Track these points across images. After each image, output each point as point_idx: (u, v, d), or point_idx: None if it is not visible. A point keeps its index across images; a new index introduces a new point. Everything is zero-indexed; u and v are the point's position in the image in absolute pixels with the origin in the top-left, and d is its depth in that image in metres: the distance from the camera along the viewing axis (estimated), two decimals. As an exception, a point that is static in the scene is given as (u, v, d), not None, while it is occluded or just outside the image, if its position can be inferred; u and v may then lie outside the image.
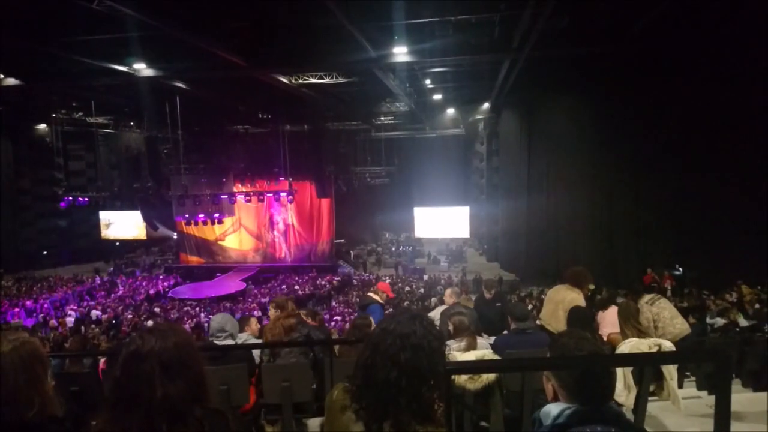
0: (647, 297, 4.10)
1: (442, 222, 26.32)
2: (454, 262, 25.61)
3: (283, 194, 21.84)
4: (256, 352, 3.77)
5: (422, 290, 19.49)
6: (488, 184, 25.41)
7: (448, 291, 5.38)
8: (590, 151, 18.35)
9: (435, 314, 5.06)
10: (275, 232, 26.18)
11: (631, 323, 3.32)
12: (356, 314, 4.86)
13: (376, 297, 5.12)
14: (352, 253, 26.82)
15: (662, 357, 2.42)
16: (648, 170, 16.12)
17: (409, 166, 29.37)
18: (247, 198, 21.51)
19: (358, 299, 16.64)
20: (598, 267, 17.01)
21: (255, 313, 14.34)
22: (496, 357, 3.01)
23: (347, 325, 9.87)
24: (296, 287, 20.59)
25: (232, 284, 22.15)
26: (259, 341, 3.96)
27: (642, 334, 3.21)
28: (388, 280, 19.77)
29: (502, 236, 24.01)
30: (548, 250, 20.15)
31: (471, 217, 26.03)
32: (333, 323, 13.07)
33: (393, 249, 28.43)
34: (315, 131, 24.32)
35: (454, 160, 29.00)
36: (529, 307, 10.11)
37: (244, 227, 26.10)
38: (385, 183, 27.59)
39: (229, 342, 3.61)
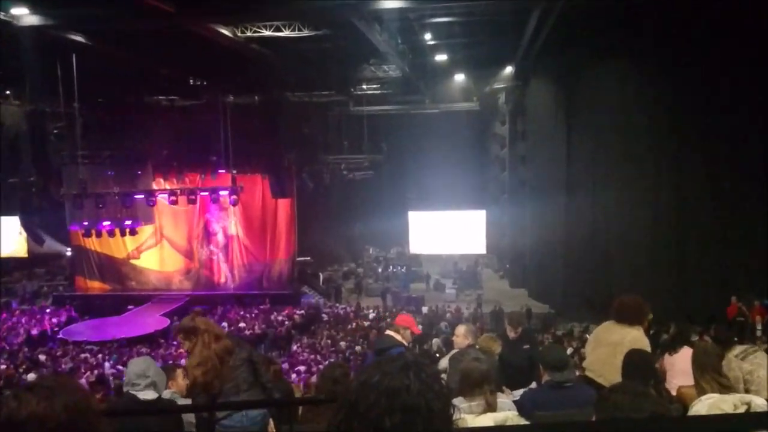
0: (737, 349, 4.12)
1: (447, 232, 26.48)
2: (465, 289, 25.89)
3: (224, 193, 21.81)
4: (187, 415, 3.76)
5: (420, 327, 19.79)
6: (512, 179, 25.71)
7: (461, 329, 5.41)
8: (654, 138, 18.66)
9: (443, 363, 5.09)
10: (212, 247, 26.28)
11: (710, 373, 3.35)
12: (364, 360, 4.88)
13: (398, 336, 5.19)
14: (321, 276, 27.16)
15: (755, 419, 2.41)
16: (733, 165, 16.55)
17: (401, 155, 29.47)
18: (173, 198, 21.59)
19: (359, 343, 17.02)
20: (663, 295, 17.44)
21: (183, 362, 14.40)
22: (523, 421, 3.03)
23: (315, 378, 9.84)
24: (241, 324, 20.69)
25: (151, 321, 21.96)
26: (188, 402, 3.95)
27: (725, 388, 3.25)
28: (404, 313, 20.45)
29: (531, 253, 24.32)
30: (595, 273, 20.58)
31: (488, 225, 26.34)
32: (294, 375, 13.24)
33: (379, 270, 28.66)
34: (269, 104, 24.13)
35: (465, 147, 29.18)
36: (569, 351, 10.28)
37: (167, 240, 26.26)
38: (368, 178, 27.75)
39: (151, 395, 3.60)
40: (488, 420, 2.91)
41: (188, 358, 3.86)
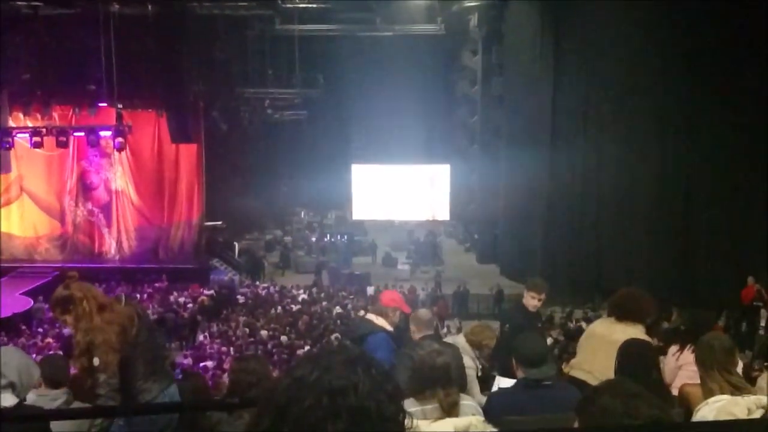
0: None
1: (401, 193, 26.69)
2: (422, 264, 26.33)
3: (106, 134, 21.47)
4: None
5: (365, 313, 20.05)
6: (484, 126, 25.85)
7: (418, 313, 5.49)
8: (662, 77, 18.86)
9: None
10: (91, 206, 25.91)
11: (718, 371, 3.45)
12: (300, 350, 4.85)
13: (380, 321, 5.24)
14: (236, 246, 27.18)
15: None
16: (757, 113, 16.72)
17: (344, 91, 29.42)
18: (36, 140, 21.23)
19: (286, 332, 17.30)
20: (667, 274, 18.23)
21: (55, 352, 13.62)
22: (490, 428, 3.07)
23: (226, 377, 9.86)
24: (131, 308, 20.32)
25: (8, 301, 21.15)
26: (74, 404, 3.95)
27: (737, 389, 3.34)
28: (396, 288, 20.11)
29: (505, 220, 24.67)
30: (583, 245, 21.05)
31: (453, 184, 26.70)
32: (202, 372, 12.88)
33: (313, 240, 28.91)
34: (168, 17, 23.38)
35: (425, 82, 29.20)
36: (549, 341, 10.44)
37: (29, 195, 25.88)
38: (299, 119, 27.70)
39: (9, 400, 3.49)
40: (447, 426, 2.96)
41: (77, 331, 3.81)
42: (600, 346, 4.50)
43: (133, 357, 3.78)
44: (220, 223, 26.85)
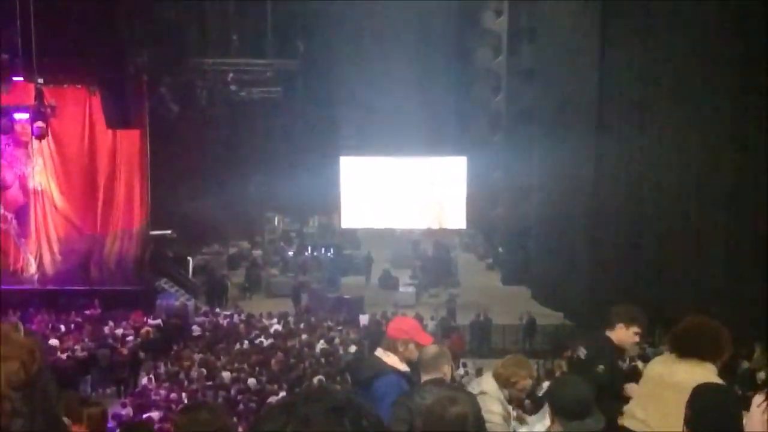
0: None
1: (403, 193, 26.59)
2: (431, 286, 26.28)
3: (22, 117, 21.63)
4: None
5: (355, 348, 20.13)
6: (511, 108, 25.95)
7: (422, 350, 5.46)
8: (741, 52, 18.85)
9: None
10: (2, 210, 25.58)
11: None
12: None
13: (390, 359, 5.24)
14: (190, 262, 27.41)
15: None
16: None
17: (330, 62, 29.45)
18: None
19: (255, 373, 17.35)
20: (747, 301, 18.13)
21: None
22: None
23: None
24: (53, 341, 19.98)
25: None
26: None
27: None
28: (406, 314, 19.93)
29: (537, 228, 24.69)
30: (641, 261, 20.98)
31: (470, 183, 26.47)
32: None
33: (290, 254, 28.93)
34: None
35: (436, 52, 29.06)
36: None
37: None
38: (273, 98, 27.66)
39: None
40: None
41: None
42: (658, 390, 4.49)
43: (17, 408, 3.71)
44: (169, 232, 26.71)
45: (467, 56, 30.15)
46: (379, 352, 5.35)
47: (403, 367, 5.18)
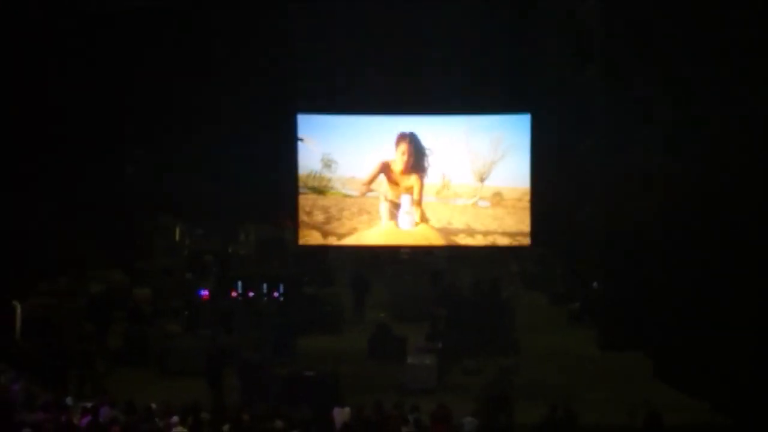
0: None
1: (411, 186, 22.46)
2: (464, 353, 22.63)
3: None
4: None
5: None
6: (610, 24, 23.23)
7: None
8: None
9: None
10: None
11: None
12: None
13: None
14: (18, 310, 23.31)
15: None
16: None
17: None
18: None
19: None
20: None
21: None
22: None
23: None
24: None
25: None
26: None
27: None
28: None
29: (668, 251, 21.50)
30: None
31: (537, 161, 22.22)
32: None
33: (202, 294, 25.13)
34: None
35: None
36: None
37: None
38: (157, 11, 24.03)
39: None
40: None
41: None
42: None
43: None
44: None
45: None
46: None
47: None
